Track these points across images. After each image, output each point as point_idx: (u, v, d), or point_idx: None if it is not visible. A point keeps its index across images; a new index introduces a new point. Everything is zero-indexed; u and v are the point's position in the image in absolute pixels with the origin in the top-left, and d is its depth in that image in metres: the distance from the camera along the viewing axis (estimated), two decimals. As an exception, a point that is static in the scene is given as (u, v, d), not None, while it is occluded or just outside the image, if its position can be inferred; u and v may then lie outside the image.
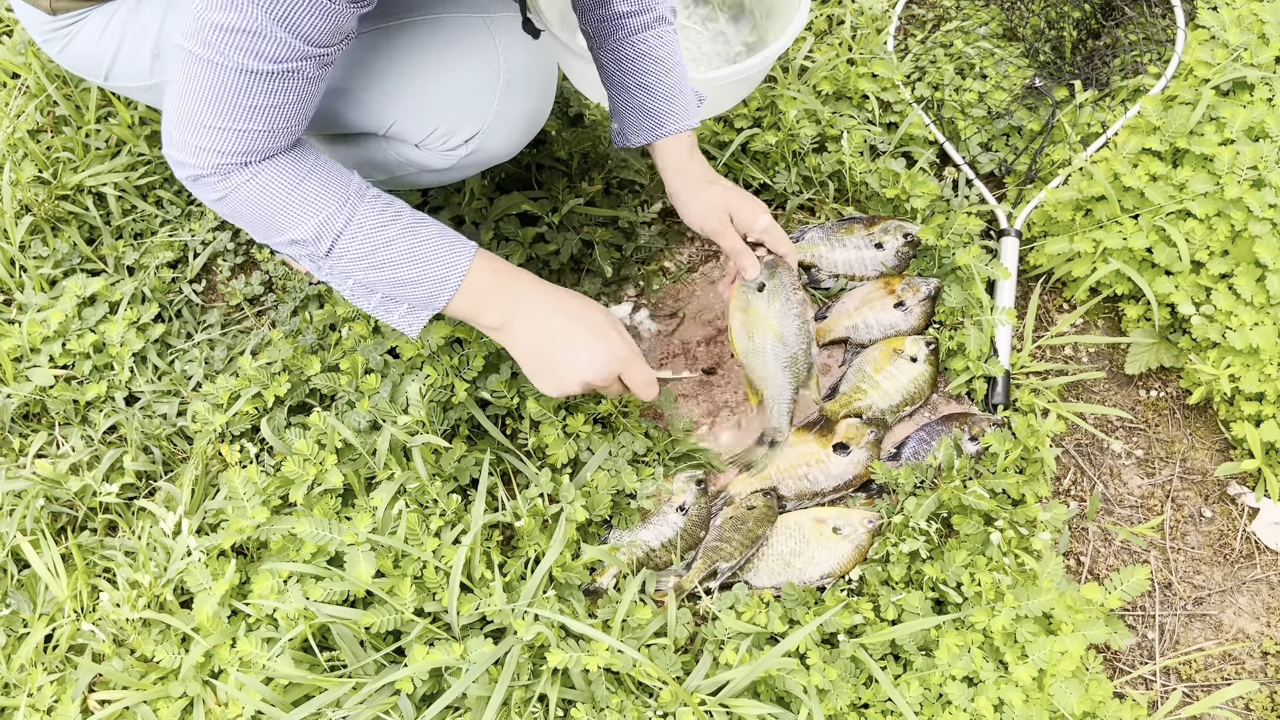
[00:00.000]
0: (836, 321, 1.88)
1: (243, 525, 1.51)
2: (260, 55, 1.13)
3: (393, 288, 1.34)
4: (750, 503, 1.65)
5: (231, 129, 1.19)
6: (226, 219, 1.35)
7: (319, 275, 1.36)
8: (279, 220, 1.28)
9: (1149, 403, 1.85)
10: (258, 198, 1.26)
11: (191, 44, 1.14)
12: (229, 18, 1.09)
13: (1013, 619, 1.44)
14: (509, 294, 1.39)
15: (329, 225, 1.28)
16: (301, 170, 1.28)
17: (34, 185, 2.01)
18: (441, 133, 1.50)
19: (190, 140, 1.21)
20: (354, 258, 1.31)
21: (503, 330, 1.41)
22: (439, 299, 1.36)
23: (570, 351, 1.40)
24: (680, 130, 1.63)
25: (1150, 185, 1.79)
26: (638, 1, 1.56)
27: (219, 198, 1.27)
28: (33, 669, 1.50)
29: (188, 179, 1.27)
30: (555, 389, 1.42)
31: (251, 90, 1.16)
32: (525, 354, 1.42)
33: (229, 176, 1.25)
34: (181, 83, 1.18)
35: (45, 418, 1.81)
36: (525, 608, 1.42)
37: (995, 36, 2.31)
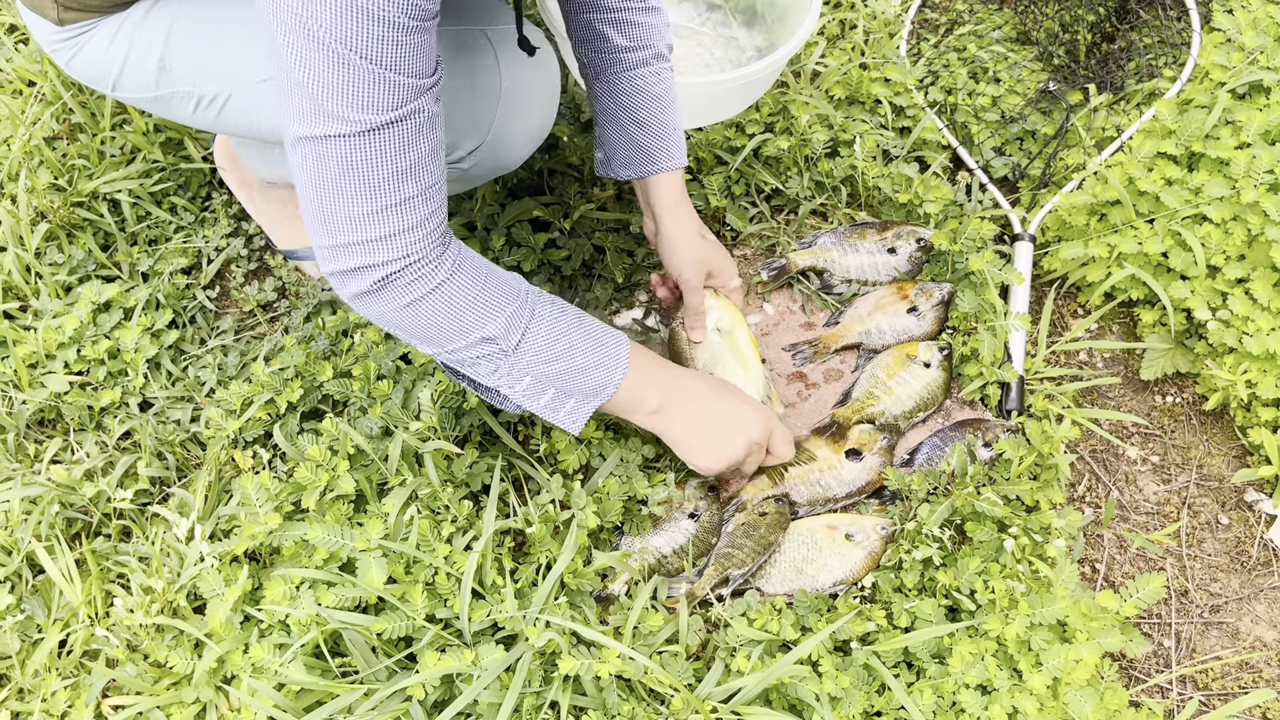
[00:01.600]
0: (849, 327, 1.88)
1: (255, 531, 1.52)
2: (379, 106, 1.08)
3: (566, 379, 1.36)
4: (762, 509, 1.64)
5: (391, 205, 1.14)
6: (401, 331, 1.28)
7: (491, 379, 1.34)
8: (472, 318, 1.26)
9: (1165, 408, 1.83)
10: (456, 295, 1.24)
11: (309, 127, 1.08)
12: (335, 77, 1.05)
13: (1027, 626, 1.43)
14: (663, 376, 1.47)
15: (517, 319, 1.29)
16: (482, 266, 1.27)
17: (49, 192, 2.02)
18: (445, 146, 1.50)
19: (352, 238, 1.15)
20: (539, 349, 1.32)
21: (661, 412, 1.47)
22: (609, 387, 1.39)
23: (733, 421, 1.52)
24: (672, 168, 1.64)
25: (1165, 189, 1.78)
26: (636, 37, 1.55)
27: (413, 299, 1.21)
28: (47, 674, 1.51)
29: (372, 286, 1.19)
30: (720, 460, 1.51)
31: (388, 150, 1.11)
32: (688, 430, 1.50)
33: (421, 272, 1.19)
34: (317, 181, 1.12)
35: (60, 424, 1.82)
36: (537, 614, 1.42)
37: (1009, 40, 2.30)
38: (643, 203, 1.71)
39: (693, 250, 1.70)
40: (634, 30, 1.54)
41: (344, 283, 1.21)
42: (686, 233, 1.69)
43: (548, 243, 1.93)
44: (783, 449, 1.60)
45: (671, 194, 1.66)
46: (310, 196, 1.15)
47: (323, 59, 1.04)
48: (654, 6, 1.56)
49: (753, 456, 1.57)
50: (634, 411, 1.47)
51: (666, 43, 1.60)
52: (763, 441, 1.55)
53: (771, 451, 1.60)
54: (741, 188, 2.06)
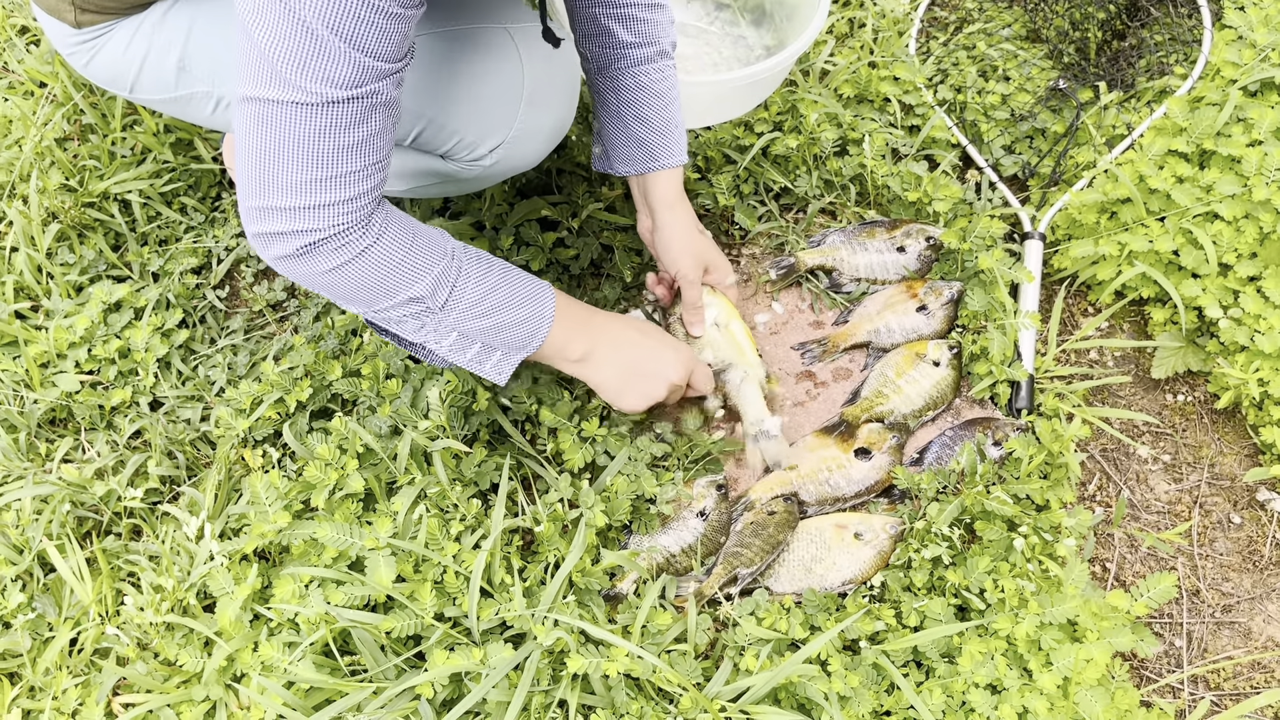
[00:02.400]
0: (858, 325, 1.87)
1: (265, 530, 1.52)
2: (337, 81, 1.07)
3: (493, 334, 1.37)
4: (771, 508, 1.64)
5: (331, 176, 1.13)
6: (328, 293, 1.29)
7: (416, 336, 1.35)
8: (398, 280, 1.26)
9: (1176, 407, 1.82)
10: (382, 259, 1.23)
11: (261, 89, 1.08)
12: (297, 46, 1.04)
13: (1037, 626, 1.42)
14: (587, 325, 1.49)
15: (445, 278, 1.30)
16: (408, 227, 1.27)
17: (61, 193, 2.03)
18: (466, 143, 1.50)
19: (285, 202, 1.14)
20: (465, 307, 1.33)
21: (586, 359, 1.49)
22: (534, 340, 1.41)
23: (655, 362, 1.55)
24: (673, 165, 1.65)
25: (1177, 187, 1.77)
26: (642, 33, 1.56)
27: (337, 264, 1.21)
28: (58, 672, 1.51)
29: (296, 252, 1.18)
30: (643, 401, 1.54)
31: (338, 125, 1.10)
32: (613, 375, 1.52)
33: (347, 239, 1.19)
34: (259, 141, 1.11)
35: (71, 423, 1.83)
36: (545, 613, 1.42)
37: (1018, 38, 2.30)
38: (639, 200, 1.71)
39: (690, 245, 1.71)
40: (639, 26, 1.54)
41: (267, 244, 1.20)
42: (684, 228, 1.70)
43: (556, 242, 1.93)
44: (703, 383, 1.65)
45: (671, 191, 1.67)
46: (247, 155, 1.14)
47: (291, 27, 1.03)
48: (659, 3, 1.56)
49: (674, 394, 1.60)
50: (559, 360, 1.48)
51: (671, 40, 1.60)
52: (682, 381, 1.58)
53: (693, 386, 1.64)
54: (750, 186, 2.06)
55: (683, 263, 1.71)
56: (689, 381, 1.62)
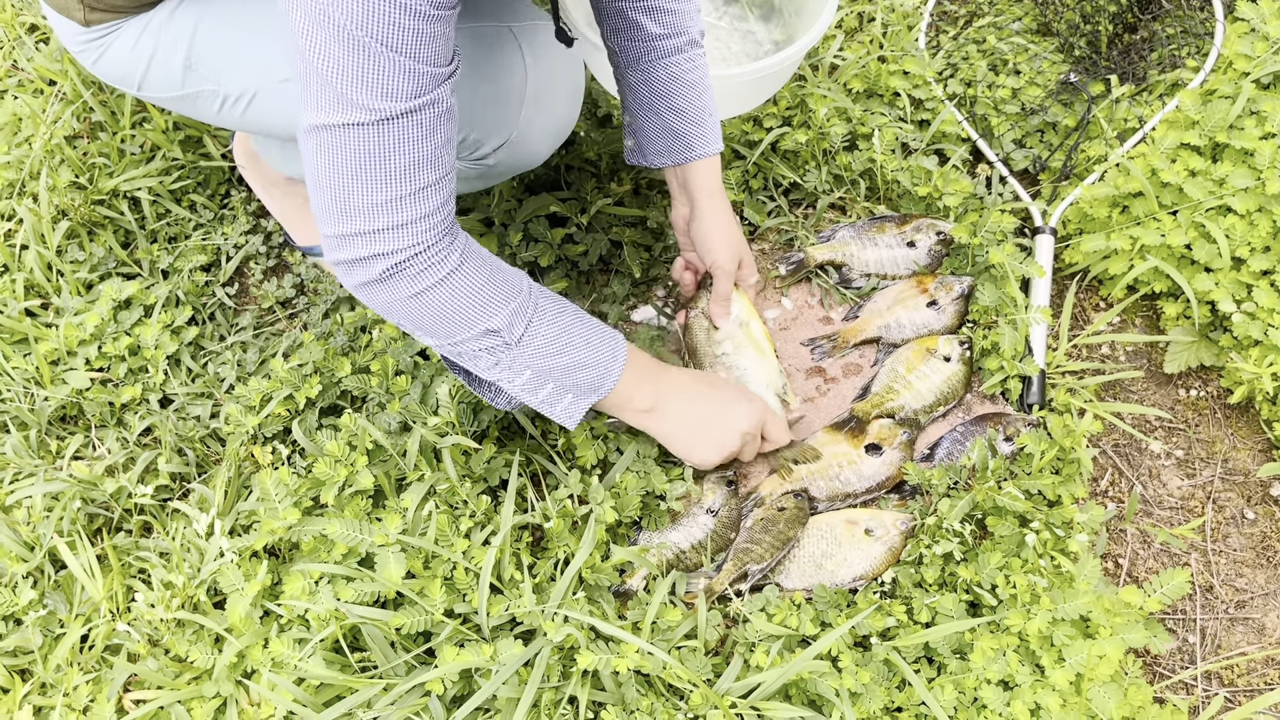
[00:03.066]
0: (868, 321, 1.86)
1: (274, 526, 1.52)
2: (398, 95, 1.07)
3: (565, 374, 1.37)
4: (781, 504, 1.63)
5: (407, 193, 1.13)
6: (406, 321, 1.27)
7: (490, 374, 1.35)
8: (478, 309, 1.26)
9: (1189, 402, 1.81)
10: (463, 286, 1.23)
11: (326, 114, 1.07)
12: (354, 63, 1.04)
13: (1049, 622, 1.42)
14: (656, 376, 1.50)
15: (521, 312, 1.30)
16: (487, 258, 1.27)
17: (70, 190, 2.04)
18: (469, 143, 1.50)
19: (363, 227, 1.14)
20: (540, 344, 1.33)
21: (653, 411, 1.50)
22: (606, 383, 1.41)
23: (724, 415, 1.54)
24: (711, 154, 1.65)
25: (1189, 181, 1.76)
26: (670, 24, 1.55)
27: (421, 289, 1.20)
28: (69, 669, 1.52)
29: (381, 275, 1.18)
30: (717, 453, 1.54)
31: (406, 139, 1.10)
32: (680, 427, 1.53)
33: (431, 261, 1.19)
34: (330, 168, 1.11)
35: (82, 420, 1.83)
36: (555, 609, 1.42)
37: (1029, 32, 2.28)
38: (677, 190, 1.71)
39: (729, 236, 1.71)
40: (667, 18, 1.54)
41: (350, 271, 1.20)
42: (725, 218, 1.70)
43: (565, 238, 1.92)
44: (778, 435, 1.63)
45: (710, 180, 1.67)
46: (322, 185, 1.14)
47: (342, 46, 1.03)
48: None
49: (748, 446, 1.59)
50: (626, 409, 1.49)
51: (699, 29, 1.60)
52: (755, 431, 1.57)
53: (767, 438, 1.62)
54: (759, 182, 2.06)
55: (721, 254, 1.71)
56: (763, 433, 1.61)
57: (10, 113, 2.18)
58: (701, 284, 1.81)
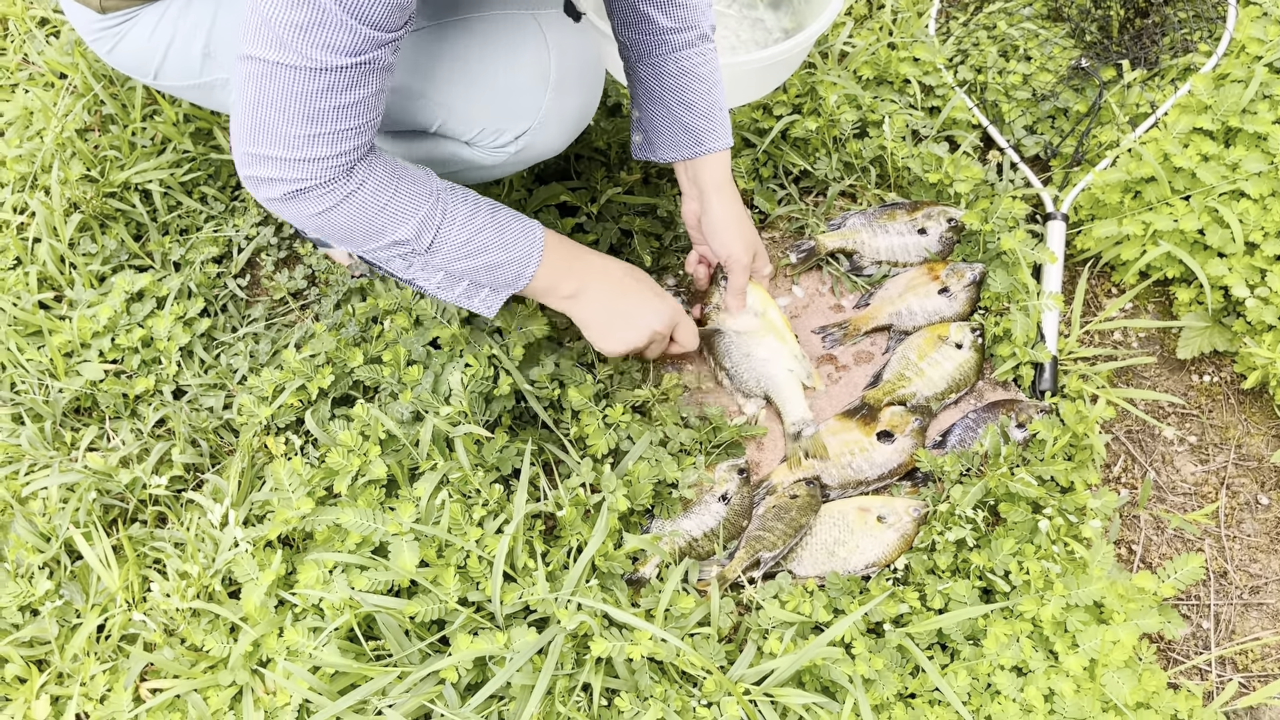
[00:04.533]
0: (880, 308, 1.86)
1: (288, 516, 1.52)
2: (338, 49, 1.10)
3: (480, 274, 1.41)
4: (793, 491, 1.63)
5: (325, 133, 1.18)
6: (315, 233, 1.35)
7: (405, 274, 1.41)
8: (382, 223, 1.31)
9: (1202, 388, 1.81)
10: (367, 203, 1.28)
11: (263, 50, 1.11)
12: (302, 14, 1.07)
13: (1063, 608, 1.42)
14: (578, 264, 1.50)
15: (429, 222, 1.33)
16: (394, 171, 1.31)
17: (82, 183, 2.04)
18: (491, 131, 1.50)
19: (278, 153, 1.19)
20: (450, 249, 1.36)
21: (576, 297, 1.51)
22: (523, 277, 1.44)
23: (641, 306, 1.55)
24: (720, 149, 1.64)
25: (1202, 165, 1.75)
26: (681, 18, 1.54)
27: (324, 209, 1.26)
28: (86, 658, 1.52)
29: (283, 196, 1.24)
30: (624, 344, 1.55)
31: (335, 88, 1.14)
32: (598, 313, 1.53)
33: (332, 188, 1.24)
34: (257, 95, 1.16)
35: (96, 412, 1.84)
36: (568, 597, 1.42)
37: (1040, 17, 2.27)
38: (686, 185, 1.70)
39: (741, 230, 1.69)
40: (678, 11, 1.53)
41: (256, 187, 1.25)
42: (736, 212, 1.69)
43: (575, 227, 1.92)
44: (687, 340, 1.64)
45: (720, 174, 1.66)
46: (245, 108, 1.18)
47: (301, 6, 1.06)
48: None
49: (655, 344, 1.61)
50: (548, 296, 1.51)
51: (710, 23, 1.59)
52: (665, 331, 1.59)
53: (676, 340, 1.64)
54: (769, 169, 2.05)
55: (734, 247, 1.70)
56: (673, 335, 1.63)
57: (21, 106, 2.18)
58: (714, 277, 1.81)
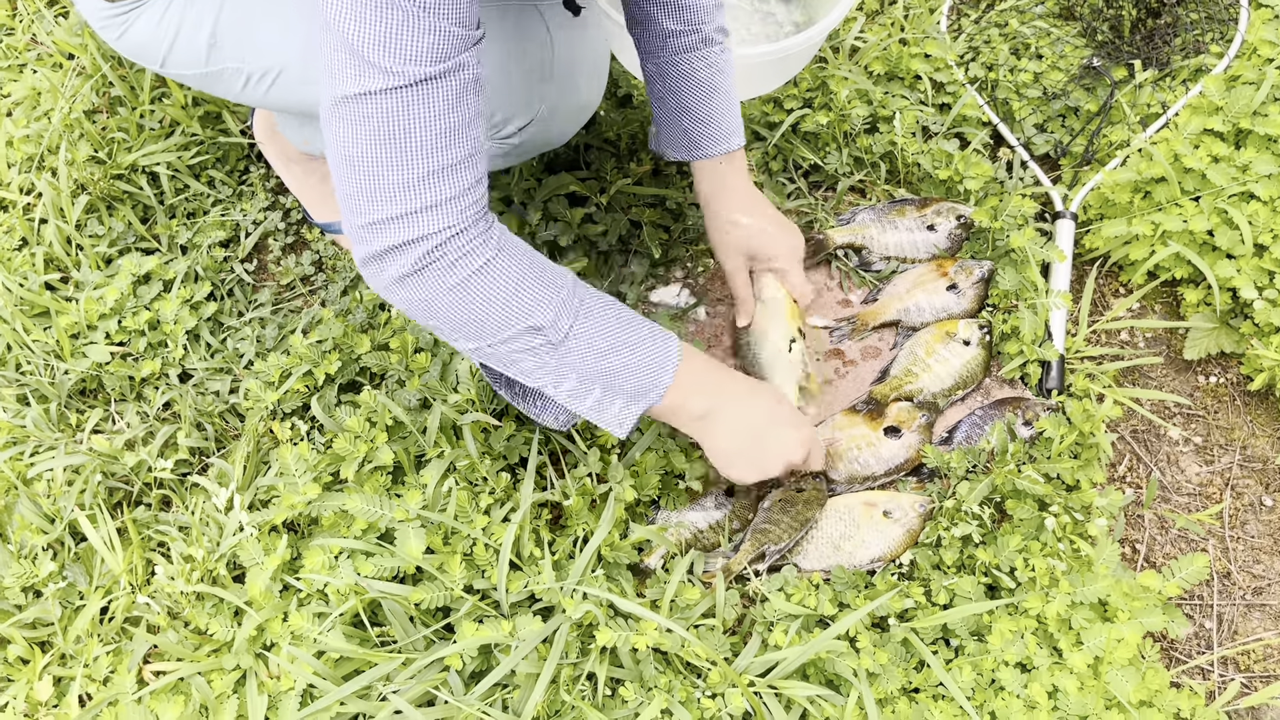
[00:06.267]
0: (887, 304, 1.86)
1: (294, 501, 1.52)
2: (427, 57, 1.02)
3: (613, 378, 1.27)
4: (799, 485, 1.63)
5: (429, 172, 1.06)
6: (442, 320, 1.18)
7: (533, 377, 1.27)
8: (520, 302, 1.17)
9: (1208, 389, 1.81)
10: (506, 276, 1.16)
11: (351, 86, 1.02)
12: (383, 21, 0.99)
13: (1067, 605, 1.42)
14: (712, 380, 1.39)
15: (567, 308, 1.21)
16: (525, 247, 1.20)
17: (89, 165, 2.04)
18: (494, 122, 1.49)
19: (391, 211, 1.07)
20: (586, 343, 1.23)
21: (706, 419, 1.39)
22: (657, 388, 1.30)
23: (779, 441, 1.44)
24: (715, 155, 1.61)
25: (1212, 167, 1.75)
26: (685, 20, 1.52)
27: (461, 280, 1.13)
28: (89, 640, 1.52)
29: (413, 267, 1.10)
30: (755, 475, 1.45)
31: (435, 107, 1.04)
32: (730, 441, 1.42)
33: (469, 250, 1.12)
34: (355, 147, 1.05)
35: (102, 394, 1.84)
36: (574, 586, 1.42)
37: (1051, 16, 2.27)
38: (695, 187, 1.70)
39: (725, 244, 1.68)
40: (682, 13, 1.52)
41: (382, 266, 1.12)
42: (720, 219, 1.67)
43: (584, 218, 1.92)
44: (816, 463, 1.54)
45: (710, 181, 1.65)
46: (344, 168, 1.08)
47: (368, 8, 0.99)
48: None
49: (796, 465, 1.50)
50: (678, 415, 1.38)
51: (715, 25, 1.55)
52: (799, 464, 1.48)
53: (806, 465, 1.52)
54: (779, 164, 2.05)
55: (725, 259, 1.70)
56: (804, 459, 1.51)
57: (29, 86, 2.18)
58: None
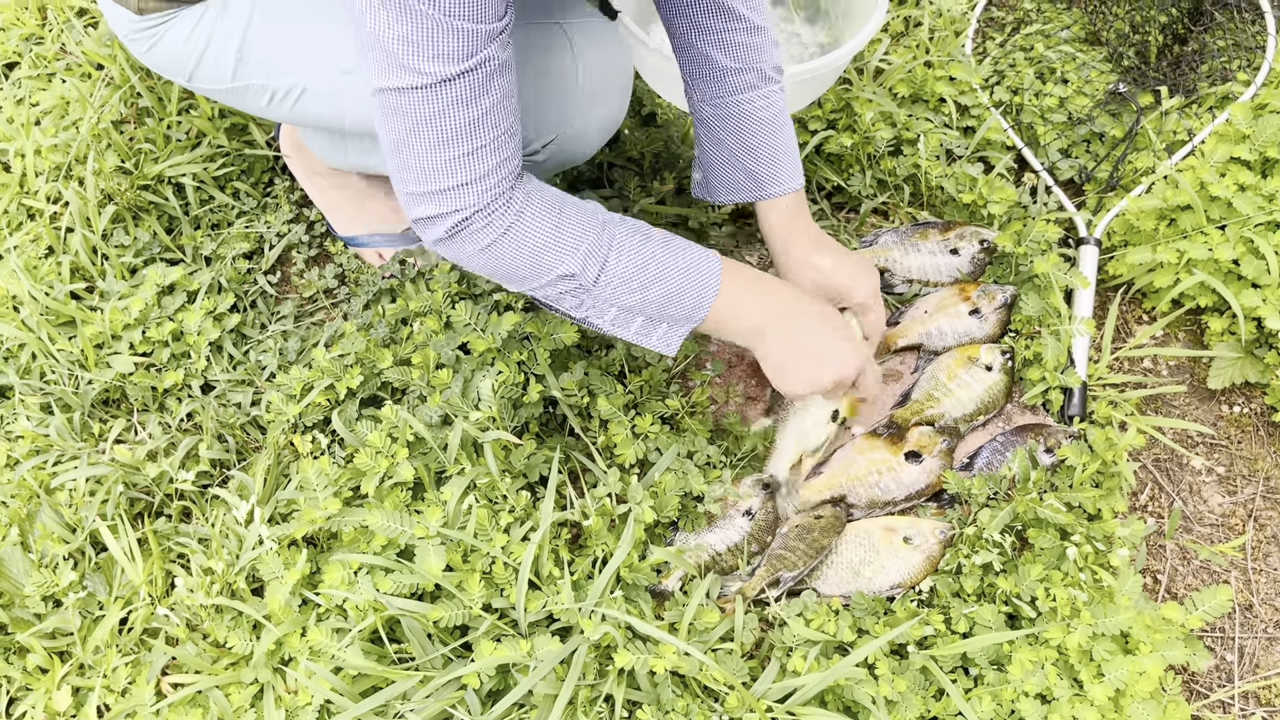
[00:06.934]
0: (909, 327, 1.86)
1: (314, 516, 1.53)
2: (448, 56, 1.10)
3: (655, 307, 1.35)
4: (818, 512, 1.63)
5: (461, 154, 1.17)
6: (483, 272, 1.32)
7: (578, 313, 1.36)
8: (548, 257, 1.27)
9: (1232, 418, 1.80)
10: (528, 234, 1.25)
11: (386, 80, 1.12)
12: (403, 27, 1.07)
13: (1089, 636, 1.41)
14: (763, 294, 1.43)
15: (595, 252, 1.29)
16: (555, 199, 1.28)
17: (116, 175, 2.05)
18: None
19: (429, 187, 1.20)
20: (621, 281, 1.31)
21: (761, 333, 1.43)
22: (701, 309, 1.36)
23: (831, 348, 1.45)
24: (783, 194, 1.60)
25: (1239, 195, 1.74)
26: (743, 59, 1.51)
27: (488, 244, 1.25)
28: (108, 650, 1.53)
29: (448, 233, 1.23)
30: (807, 387, 1.46)
31: (460, 100, 1.13)
32: (786, 353, 1.45)
33: (491, 217, 1.22)
34: (396, 132, 1.16)
35: (125, 404, 1.85)
36: (593, 607, 1.42)
37: (1077, 40, 2.27)
38: (762, 230, 1.66)
39: (802, 280, 1.63)
40: (740, 52, 1.51)
41: (423, 229, 1.26)
42: (797, 263, 1.63)
43: (607, 236, 1.92)
44: (871, 387, 1.54)
45: (780, 221, 1.62)
46: (390, 146, 1.19)
47: (391, 12, 1.06)
48: (759, 26, 1.51)
49: (838, 388, 1.51)
50: (729, 331, 1.43)
51: (774, 63, 1.55)
52: (851, 380, 1.49)
53: (858, 387, 1.54)
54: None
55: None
56: (858, 383, 1.53)
57: (58, 96, 2.20)
58: None
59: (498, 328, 1.67)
